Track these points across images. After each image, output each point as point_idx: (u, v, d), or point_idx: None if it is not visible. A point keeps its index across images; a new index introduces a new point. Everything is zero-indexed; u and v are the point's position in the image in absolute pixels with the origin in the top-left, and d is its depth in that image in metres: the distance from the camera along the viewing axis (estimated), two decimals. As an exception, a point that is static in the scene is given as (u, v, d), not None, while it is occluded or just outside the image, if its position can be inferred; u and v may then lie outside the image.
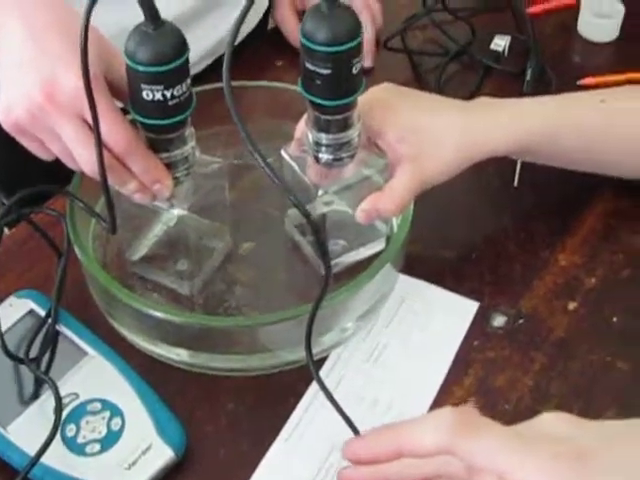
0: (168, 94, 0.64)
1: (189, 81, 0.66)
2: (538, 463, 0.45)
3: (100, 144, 0.63)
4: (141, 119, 0.66)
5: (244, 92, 0.82)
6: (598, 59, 1.05)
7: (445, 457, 0.47)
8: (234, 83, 0.59)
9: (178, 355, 0.74)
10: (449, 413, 0.47)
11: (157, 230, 0.77)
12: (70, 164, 0.68)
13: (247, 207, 0.81)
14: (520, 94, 0.91)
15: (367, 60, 1.01)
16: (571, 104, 0.79)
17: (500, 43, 1.03)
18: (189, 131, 0.70)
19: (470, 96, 0.92)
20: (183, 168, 0.71)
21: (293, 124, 0.75)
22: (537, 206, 0.87)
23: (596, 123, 0.78)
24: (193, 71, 0.67)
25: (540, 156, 0.80)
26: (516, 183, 0.88)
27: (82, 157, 0.65)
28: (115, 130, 0.64)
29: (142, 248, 0.78)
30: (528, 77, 0.97)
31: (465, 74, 1.02)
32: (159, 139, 0.68)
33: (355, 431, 0.65)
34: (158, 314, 0.69)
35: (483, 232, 0.85)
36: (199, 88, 0.73)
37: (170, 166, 0.70)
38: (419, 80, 1.02)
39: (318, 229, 0.62)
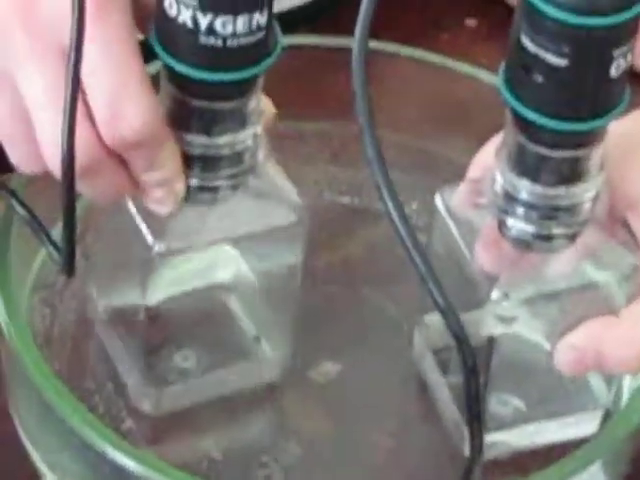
0: (218, 24, 0.49)
1: (264, 14, 0.49)
2: None
3: (76, 91, 0.49)
4: (169, 61, 0.50)
5: (384, 64, 0.64)
6: None
7: None
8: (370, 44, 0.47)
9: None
10: None
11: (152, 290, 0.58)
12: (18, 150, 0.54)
13: (339, 293, 0.64)
14: None
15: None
16: None
17: None
18: (254, 106, 0.53)
19: None
20: (230, 173, 0.53)
21: (469, 148, 0.57)
22: None
23: None
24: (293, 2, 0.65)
25: None
26: None
27: (44, 126, 0.52)
28: (135, 99, 0.50)
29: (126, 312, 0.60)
30: None
31: None
32: (195, 107, 0.52)
33: None
34: (123, 459, 0.49)
35: None
36: (296, 40, 0.61)
37: (207, 162, 0.53)
38: None
39: (475, 368, 0.49)
